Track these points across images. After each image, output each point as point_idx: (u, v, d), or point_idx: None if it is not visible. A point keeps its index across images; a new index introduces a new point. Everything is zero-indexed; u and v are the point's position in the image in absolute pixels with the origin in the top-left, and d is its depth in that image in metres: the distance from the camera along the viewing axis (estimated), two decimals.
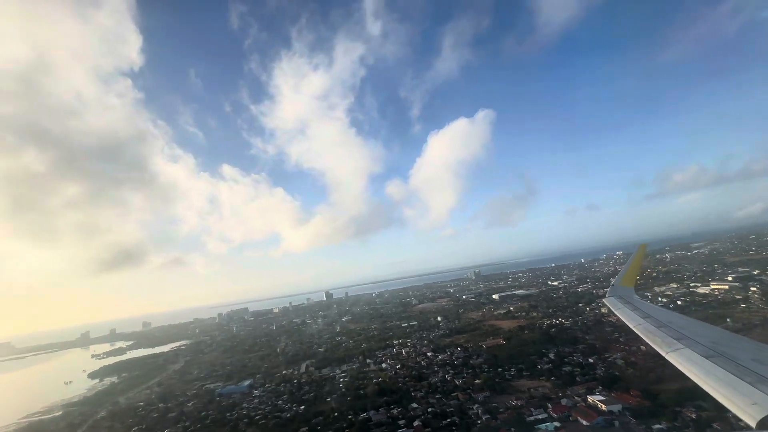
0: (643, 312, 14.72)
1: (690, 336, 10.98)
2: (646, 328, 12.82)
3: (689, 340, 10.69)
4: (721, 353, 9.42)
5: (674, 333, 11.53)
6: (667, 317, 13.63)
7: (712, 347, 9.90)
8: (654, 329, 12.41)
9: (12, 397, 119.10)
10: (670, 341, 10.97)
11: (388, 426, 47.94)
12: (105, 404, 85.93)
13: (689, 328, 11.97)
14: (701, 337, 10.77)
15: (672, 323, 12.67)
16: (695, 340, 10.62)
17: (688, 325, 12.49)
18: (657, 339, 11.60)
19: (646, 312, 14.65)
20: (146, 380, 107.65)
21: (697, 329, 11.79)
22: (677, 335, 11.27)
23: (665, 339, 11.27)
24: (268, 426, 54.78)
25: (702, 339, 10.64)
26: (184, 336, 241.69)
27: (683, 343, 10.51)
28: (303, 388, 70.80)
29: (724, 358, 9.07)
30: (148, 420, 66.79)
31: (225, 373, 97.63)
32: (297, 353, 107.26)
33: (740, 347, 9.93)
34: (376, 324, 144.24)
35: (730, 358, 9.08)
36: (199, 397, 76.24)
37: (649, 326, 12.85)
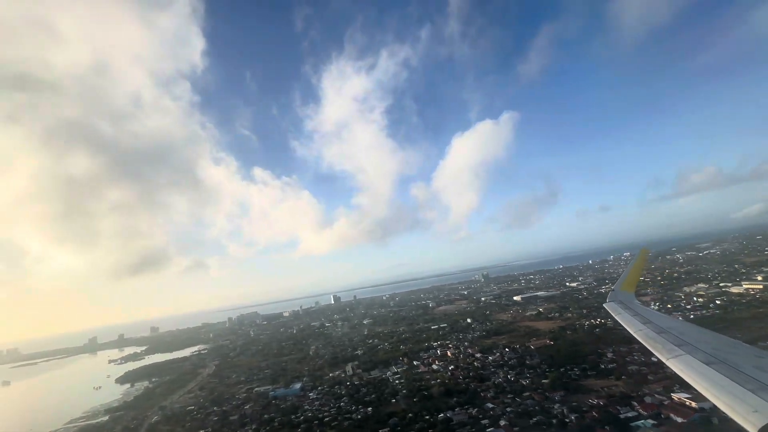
0: (643, 317, 14.63)
1: (691, 342, 10.90)
2: (647, 334, 12.68)
3: (690, 346, 10.62)
4: (722, 360, 9.31)
5: (675, 339, 11.45)
6: (667, 323, 13.53)
7: (713, 354, 9.81)
8: (654, 335, 12.28)
9: (45, 403, 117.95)
10: (670, 347, 10.89)
11: (472, 426, 48.46)
12: (151, 408, 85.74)
13: (689, 334, 11.88)
14: (702, 344, 10.70)
15: (672, 329, 12.55)
16: (696, 346, 10.55)
17: (689, 331, 12.39)
18: (657, 345, 11.51)
19: (647, 317, 14.56)
20: (182, 384, 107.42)
21: (698, 335, 11.69)
22: (678, 341, 11.21)
23: (666, 345, 11.18)
24: (343, 427, 55.11)
25: (703, 345, 10.56)
26: (198, 341, 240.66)
27: (684, 350, 10.44)
28: (360, 390, 71.11)
29: (725, 365, 8.97)
30: (210, 423, 66.84)
31: (266, 377, 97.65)
32: (335, 356, 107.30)
33: (741, 354, 9.81)
34: (403, 327, 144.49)
35: (731, 365, 8.96)
36: (253, 400, 76.28)
37: (650, 332, 12.72)
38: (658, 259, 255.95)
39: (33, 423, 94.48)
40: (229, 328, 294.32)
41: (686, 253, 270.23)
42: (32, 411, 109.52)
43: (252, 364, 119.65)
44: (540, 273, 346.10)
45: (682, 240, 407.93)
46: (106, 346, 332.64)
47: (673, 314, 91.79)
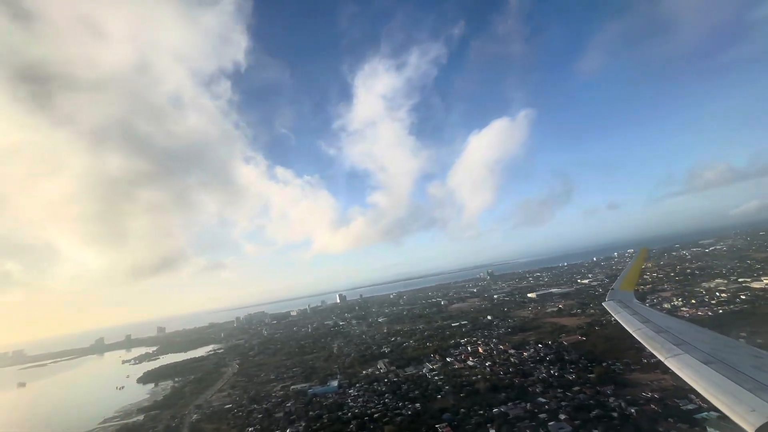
0: (642, 317, 14.66)
1: (689, 341, 10.93)
2: (646, 333, 12.70)
3: (688, 345, 10.66)
4: (720, 359, 9.39)
5: (673, 338, 11.44)
6: (666, 322, 13.53)
7: (711, 353, 9.88)
8: (653, 334, 12.30)
9: (71, 403, 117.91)
10: (669, 347, 10.93)
11: (530, 420, 49.37)
12: (186, 407, 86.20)
13: (688, 333, 11.92)
14: (700, 343, 10.75)
15: (671, 328, 12.55)
16: (694, 345, 10.61)
17: (687, 330, 12.42)
18: (656, 344, 11.53)
19: (645, 317, 14.58)
20: (210, 383, 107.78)
21: (696, 335, 11.71)
22: (676, 341, 11.23)
23: (665, 344, 11.20)
24: (395, 423, 55.86)
25: (701, 345, 10.61)
26: (209, 340, 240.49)
27: (682, 349, 10.50)
28: (401, 387, 71.90)
29: (724, 365, 9.06)
30: (256, 421, 67.45)
31: (296, 375, 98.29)
32: (362, 354, 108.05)
33: (739, 354, 9.86)
34: (422, 324, 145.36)
35: (729, 364, 9.03)
36: (292, 398, 76.88)
37: (649, 331, 12.73)
38: (664, 256, 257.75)
39: (65, 423, 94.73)
40: (238, 327, 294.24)
41: (691, 250, 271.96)
42: (60, 412, 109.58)
43: (276, 363, 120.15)
44: (545, 271, 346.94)
45: (683, 237, 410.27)
46: (114, 347, 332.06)
47: (700, 310, 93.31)
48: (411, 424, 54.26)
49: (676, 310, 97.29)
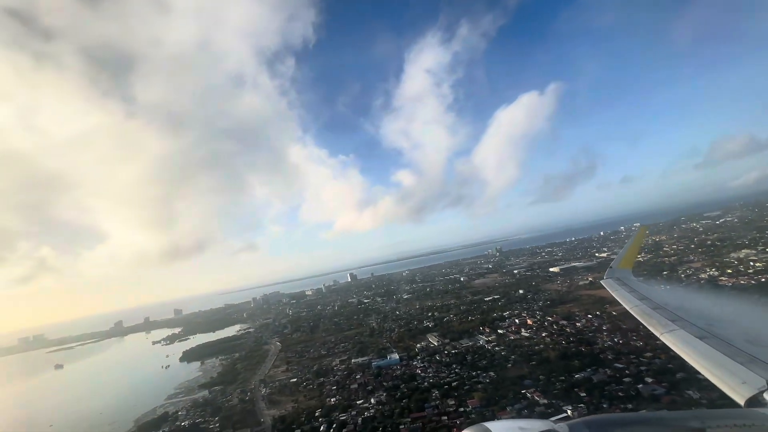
0: (639, 294, 14.86)
1: (685, 317, 11.11)
2: (642, 310, 12.87)
3: (684, 321, 10.83)
4: (714, 334, 9.56)
5: (669, 314, 11.63)
6: (663, 299, 13.71)
7: (706, 328, 10.05)
8: (650, 311, 12.50)
9: (125, 382, 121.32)
10: (665, 322, 11.10)
11: (616, 383, 52.20)
12: (248, 382, 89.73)
13: (684, 309, 12.10)
14: (696, 319, 10.91)
15: (668, 305, 12.72)
16: (690, 321, 10.78)
17: (684, 306, 12.60)
18: (652, 320, 11.73)
19: (643, 294, 14.77)
20: (259, 360, 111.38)
21: (693, 311, 11.92)
22: (672, 317, 11.39)
23: (660, 320, 11.40)
24: (477, 389, 58.81)
25: (697, 320, 10.77)
26: (233, 321, 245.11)
27: (678, 325, 10.66)
28: (466, 357, 75.00)
29: (718, 339, 9.24)
30: (330, 392, 70.60)
31: (347, 350, 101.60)
32: (408, 329, 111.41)
33: (734, 328, 10.04)
34: (453, 300, 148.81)
35: (723, 339, 9.21)
36: (357, 371, 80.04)
37: (645, 308, 12.91)
38: (674, 228, 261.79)
39: (131, 400, 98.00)
40: (256, 308, 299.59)
41: (701, 222, 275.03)
42: (119, 390, 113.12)
43: (318, 340, 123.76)
44: (554, 246, 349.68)
45: (684, 210, 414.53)
46: (133, 329, 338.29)
47: (741, 279, 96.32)
48: (496, 391, 57.15)
49: (715, 279, 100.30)
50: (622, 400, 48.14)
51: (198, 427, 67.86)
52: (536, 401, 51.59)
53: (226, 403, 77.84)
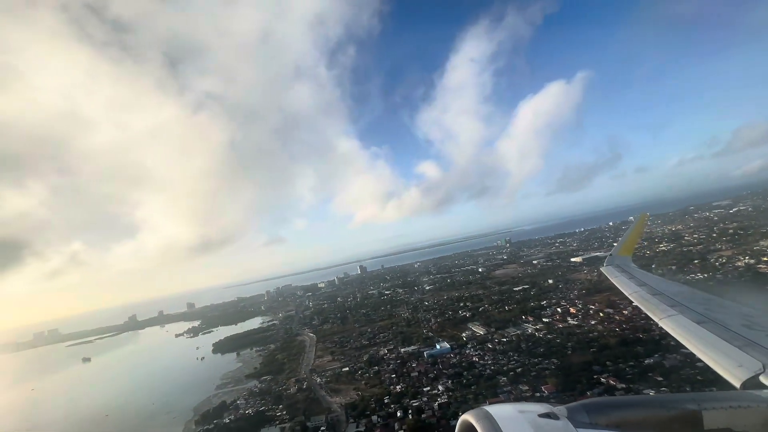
0: (638, 280, 15.02)
1: (683, 303, 11.23)
2: (641, 296, 13.05)
3: (682, 306, 10.94)
4: (712, 319, 9.64)
5: (668, 300, 11.76)
6: (662, 285, 13.82)
7: (704, 313, 10.15)
8: (649, 297, 12.65)
9: (166, 374, 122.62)
10: (664, 308, 11.25)
11: (690, 368, 53.51)
12: (295, 372, 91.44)
13: (683, 295, 12.22)
14: (694, 304, 11.02)
15: (667, 291, 12.85)
16: (688, 306, 10.90)
17: (682, 292, 12.71)
18: (651, 306, 11.89)
19: (642, 280, 14.93)
20: (298, 351, 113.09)
21: (691, 296, 12.03)
22: (671, 302, 11.53)
23: (659, 306, 11.56)
24: (544, 375, 60.26)
25: (695, 306, 10.87)
26: (250, 314, 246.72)
27: (676, 310, 10.78)
28: (520, 345, 76.48)
29: (715, 324, 9.31)
30: (390, 380, 72.10)
31: (389, 340, 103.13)
32: (445, 319, 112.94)
33: (731, 313, 10.10)
34: (480, 290, 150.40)
35: (720, 323, 9.30)
36: (410, 360, 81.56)
37: (645, 294, 13.07)
38: (686, 218, 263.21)
39: (181, 390, 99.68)
40: (270, 300, 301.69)
41: (713, 211, 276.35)
42: (155, 381, 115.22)
43: (353, 331, 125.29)
44: (563, 237, 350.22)
45: (690, 200, 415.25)
46: (147, 323, 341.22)
47: None
48: (567, 377, 58.59)
49: (753, 267, 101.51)
50: (702, 384, 49.51)
51: (264, 414, 69.42)
52: (613, 386, 53.01)
53: (283, 392, 79.38)
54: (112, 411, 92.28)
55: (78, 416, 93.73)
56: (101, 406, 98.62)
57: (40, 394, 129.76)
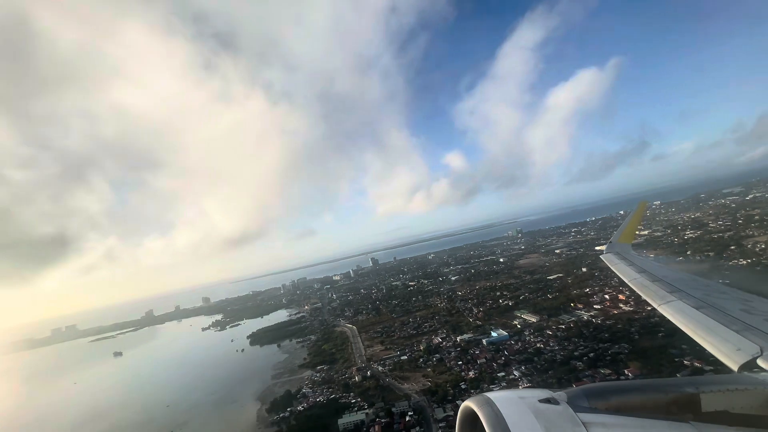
0: (638, 267, 15.02)
1: (683, 289, 11.25)
2: (641, 283, 13.06)
3: (682, 292, 10.95)
4: (711, 304, 9.66)
5: (667, 287, 11.80)
6: (662, 272, 13.88)
7: (703, 299, 10.17)
8: (648, 283, 12.65)
9: (211, 367, 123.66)
10: (663, 294, 11.29)
11: None
12: (350, 362, 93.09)
13: (682, 281, 12.23)
14: (693, 290, 11.04)
15: (666, 277, 12.85)
16: (687, 292, 10.89)
17: (682, 278, 12.71)
18: (650, 292, 11.90)
19: (642, 267, 14.94)
20: (341, 342, 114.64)
21: (690, 282, 12.06)
22: (670, 288, 11.55)
23: (658, 292, 11.57)
24: (620, 360, 61.66)
25: (694, 291, 10.89)
26: (271, 307, 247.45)
27: (676, 296, 10.79)
28: (582, 331, 77.88)
29: (714, 309, 9.32)
30: (459, 368, 73.64)
31: (437, 329, 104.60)
32: (489, 308, 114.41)
33: (730, 298, 10.15)
34: (512, 280, 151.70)
35: (719, 308, 9.32)
36: (471, 348, 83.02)
37: (644, 280, 13.10)
38: (700, 205, 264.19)
39: (227, 381, 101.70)
40: (287, 294, 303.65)
41: (727, 198, 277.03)
42: (202, 373, 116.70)
43: (392, 321, 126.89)
44: (576, 226, 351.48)
45: (696, 188, 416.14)
46: (163, 318, 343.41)
47: None
48: (647, 360, 60.00)
49: None
50: None
51: (338, 402, 71.00)
52: (698, 368, 54.34)
53: (347, 380, 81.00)
54: (169, 402, 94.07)
55: (136, 407, 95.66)
56: (156, 397, 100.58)
57: (86, 387, 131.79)
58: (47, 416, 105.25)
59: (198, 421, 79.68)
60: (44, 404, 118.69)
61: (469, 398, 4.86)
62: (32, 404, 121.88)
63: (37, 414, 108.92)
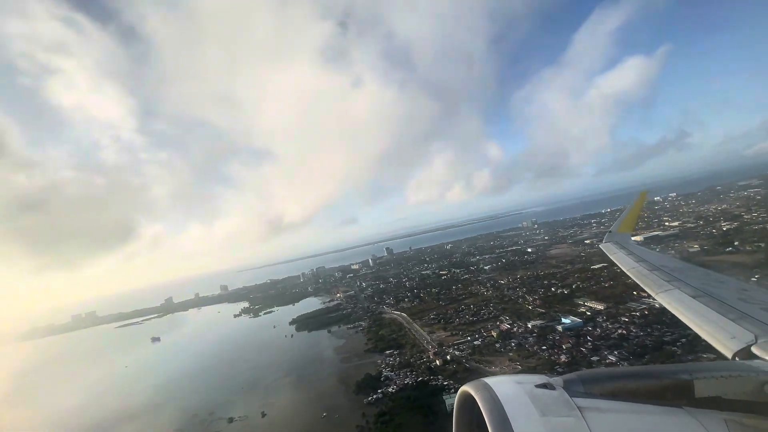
0: (637, 256, 15.11)
1: (681, 278, 11.31)
2: (639, 272, 13.18)
3: (680, 282, 11.01)
4: (708, 293, 9.73)
5: (666, 276, 11.85)
6: (660, 261, 13.95)
7: (700, 288, 10.22)
8: (647, 272, 12.74)
9: (260, 353, 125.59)
10: (661, 283, 11.34)
11: None
12: (420, 347, 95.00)
13: (681, 270, 12.30)
14: (691, 279, 11.10)
15: (665, 266, 12.89)
16: (685, 281, 10.94)
17: (680, 267, 12.79)
18: (649, 281, 11.97)
19: (640, 256, 15.03)
20: (398, 327, 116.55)
21: (689, 272, 12.16)
22: (668, 278, 11.60)
23: (656, 281, 11.63)
24: None
25: (692, 281, 10.92)
26: (298, 295, 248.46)
27: (673, 285, 10.84)
28: (663, 318, 79.34)
29: (711, 298, 9.39)
30: (549, 354, 75.38)
31: (495, 316, 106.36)
32: (544, 295, 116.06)
33: (728, 288, 10.22)
34: (552, 270, 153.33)
35: (716, 297, 9.38)
36: (547, 334, 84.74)
37: (642, 269, 13.20)
38: (721, 198, 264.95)
39: (292, 366, 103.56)
40: (307, 282, 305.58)
41: (749, 190, 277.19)
42: (258, 358, 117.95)
43: (440, 309, 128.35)
44: (591, 217, 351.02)
45: (706, 180, 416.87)
46: (183, 305, 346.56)
47: None
48: None
49: None
50: None
51: (429, 384, 72.90)
52: None
53: (427, 363, 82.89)
54: (243, 385, 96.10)
55: (207, 389, 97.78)
56: (223, 380, 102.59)
57: (138, 371, 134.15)
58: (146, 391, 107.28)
59: (296, 399, 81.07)
60: (131, 385, 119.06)
61: (467, 383, 4.88)
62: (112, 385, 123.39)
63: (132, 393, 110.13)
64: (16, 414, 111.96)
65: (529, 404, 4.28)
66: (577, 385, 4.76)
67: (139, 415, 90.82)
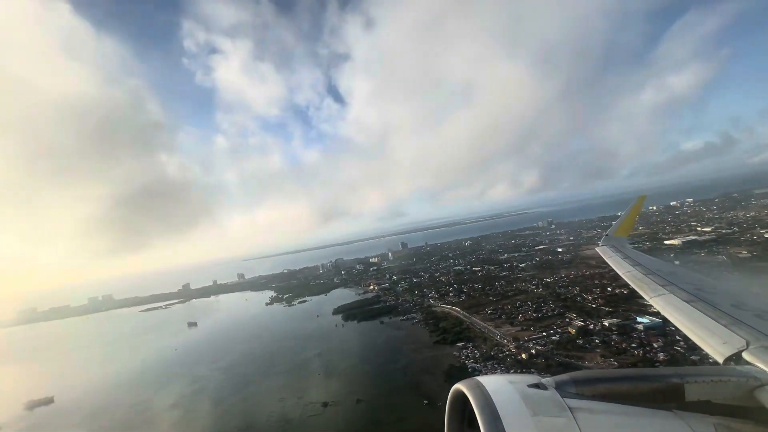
0: (633, 260, 15.23)
1: (675, 283, 11.36)
2: (634, 275, 13.23)
3: (674, 286, 11.07)
4: (702, 299, 9.76)
5: (660, 280, 11.89)
6: (656, 265, 13.97)
7: (694, 293, 10.24)
8: (642, 276, 12.80)
9: (321, 342, 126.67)
10: (655, 287, 11.40)
11: None
12: (491, 340, 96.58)
13: (676, 275, 12.32)
14: (686, 284, 11.13)
15: (660, 271, 12.95)
16: (679, 286, 10.99)
17: (675, 272, 12.81)
18: (643, 285, 12.01)
19: (636, 260, 15.17)
20: (457, 321, 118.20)
21: (684, 276, 12.13)
22: (663, 282, 11.64)
23: (651, 285, 11.70)
24: None
25: (686, 285, 10.98)
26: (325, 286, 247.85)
27: (668, 289, 10.90)
28: None
29: (705, 303, 9.42)
30: (632, 349, 76.96)
31: (559, 313, 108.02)
32: (604, 295, 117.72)
33: (722, 293, 10.20)
34: (597, 270, 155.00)
35: (710, 302, 9.41)
36: (627, 332, 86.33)
37: (638, 273, 13.23)
38: (741, 204, 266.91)
39: (362, 353, 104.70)
40: (327, 274, 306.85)
41: None
42: (325, 345, 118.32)
43: (497, 305, 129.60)
44: (608, 219, 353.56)
45: (717, 187, 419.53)
46: (202, 292, 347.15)
47: None
48: None
49: None
50: None
51: None
52: None
53: (506, 358, 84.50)
54: (320, 370, 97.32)
55: (278, 374, 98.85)
56: (290, 366, 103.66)
57: (190, 355, 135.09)
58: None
59: (384, 386, 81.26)
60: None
61: (460, 381, 4.98)
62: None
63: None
64: None
65: (521, 403, 4.39)
66: (569, 386, 4.89)
67: (227, 397, 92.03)
